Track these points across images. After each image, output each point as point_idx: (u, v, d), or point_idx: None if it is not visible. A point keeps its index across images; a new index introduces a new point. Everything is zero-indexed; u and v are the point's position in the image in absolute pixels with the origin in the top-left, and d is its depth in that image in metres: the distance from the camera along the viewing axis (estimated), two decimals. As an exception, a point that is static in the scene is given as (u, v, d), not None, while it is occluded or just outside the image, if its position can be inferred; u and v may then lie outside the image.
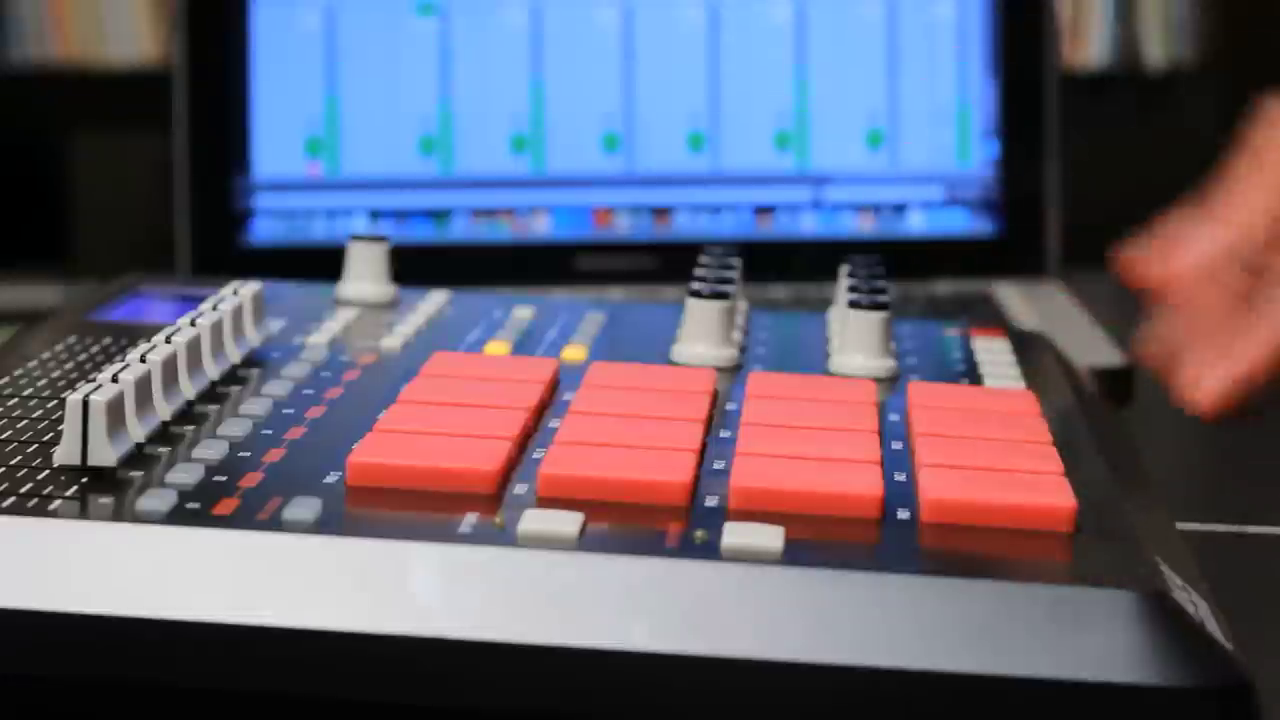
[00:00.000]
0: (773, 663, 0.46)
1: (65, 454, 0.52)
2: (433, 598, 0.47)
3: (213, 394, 0.60)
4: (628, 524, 0.50)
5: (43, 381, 0.61)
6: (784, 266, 1.06)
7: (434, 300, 0.75)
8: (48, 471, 0.52)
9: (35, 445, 0.54)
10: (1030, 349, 0.72)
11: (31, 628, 0.47)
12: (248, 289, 0.65)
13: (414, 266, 0.78)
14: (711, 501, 0.52)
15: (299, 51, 1.07)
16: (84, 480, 0.52)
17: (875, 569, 0.48)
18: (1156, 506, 0.59)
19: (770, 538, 0.49)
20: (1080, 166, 1.17)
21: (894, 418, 0.61)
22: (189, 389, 0.58)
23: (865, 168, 1.09)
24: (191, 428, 0.56)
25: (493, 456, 0.53)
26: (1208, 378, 0.60)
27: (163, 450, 0.54)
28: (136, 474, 0.52)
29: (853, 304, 0.67)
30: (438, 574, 0.48)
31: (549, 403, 0.61)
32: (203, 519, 0.49)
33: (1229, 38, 1.81)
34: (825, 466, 0.54)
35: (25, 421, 0.57)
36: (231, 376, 0.62)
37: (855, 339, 0.67)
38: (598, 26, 1.09)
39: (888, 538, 0.51)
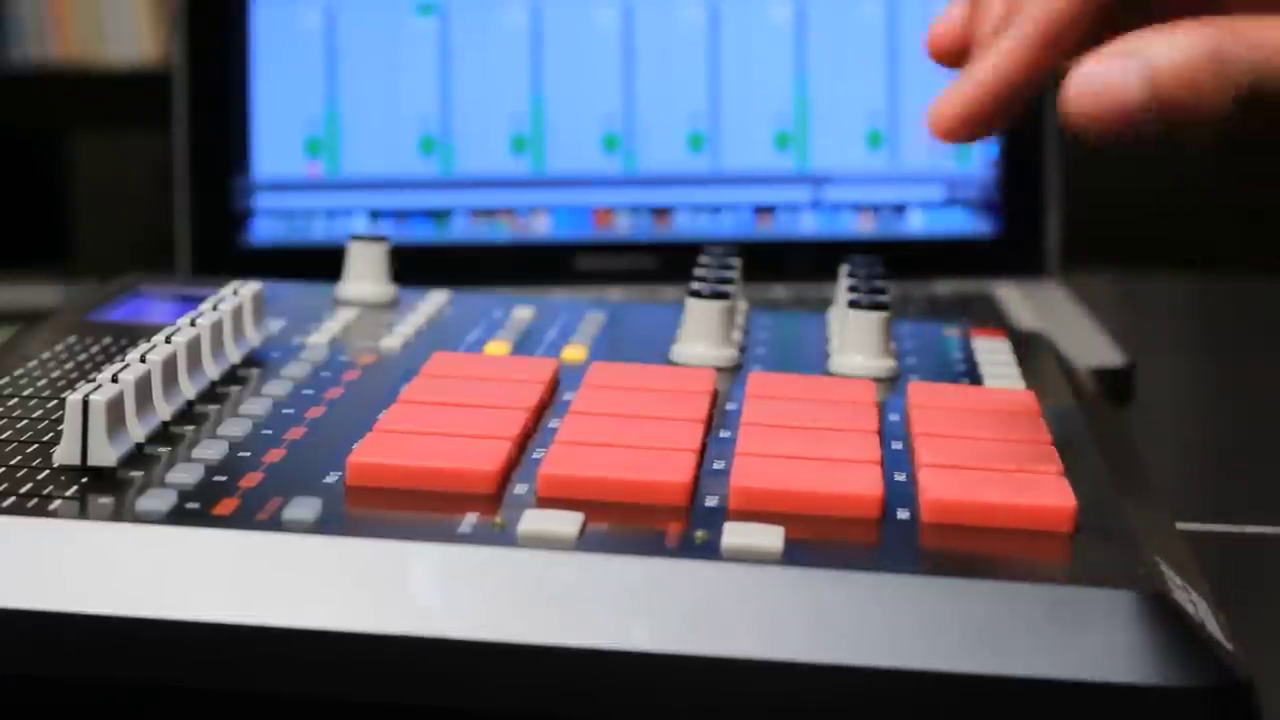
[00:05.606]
0: (773, 663, 0.46)
1: (65, 454, 0.52)
2: (433, 598, 0.47)
3: (213, 394, 0.60)
4: (628, 524, 0.50)
5: (43, 381, 0.61)
6: (784, 266, 1.06)
7: (434, 300, 0.75)
8: (48, 471, 0.52)
9: (35, 445, 0.54)
10: (1030, 349, 0.72)
11: (31, 628, 0.47)
12: (248, 289, 0.65)
13: (414, 266, 0.78)
14: (711, 501, 0.52)
15: (299, 51, 1.07)
16: (84, 480, 0.52)
17: (875, 569, 0.48)
18: (1156, 506, 0.59)
19: (770, 538, 0.49)
20: (1080, 166, 1.17)
21: (894, 418, 0.61)
22: (189, 389, 0.58)
23: (865, 168, 1.09)
24: (191, 428, 0.56)
25: (493, 456, 0.53)
26: (944, 98, 0.53)
27: (163, 450, 0.54)
28: (136, 474, 0.52)
29: (853, 304, 0.67)
30: (438, 574, 0.48)
31: (549, 403, 0.61)
32: (203, 519, 0.49)
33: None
34: (825, 467, 0.54)
35: (25, 421, 0.57)
36: (231, 376, 0.62)
37: (855, 339, 0.67)
38: (598, 26, 1.08)
39: (888, 538, 0.51)
